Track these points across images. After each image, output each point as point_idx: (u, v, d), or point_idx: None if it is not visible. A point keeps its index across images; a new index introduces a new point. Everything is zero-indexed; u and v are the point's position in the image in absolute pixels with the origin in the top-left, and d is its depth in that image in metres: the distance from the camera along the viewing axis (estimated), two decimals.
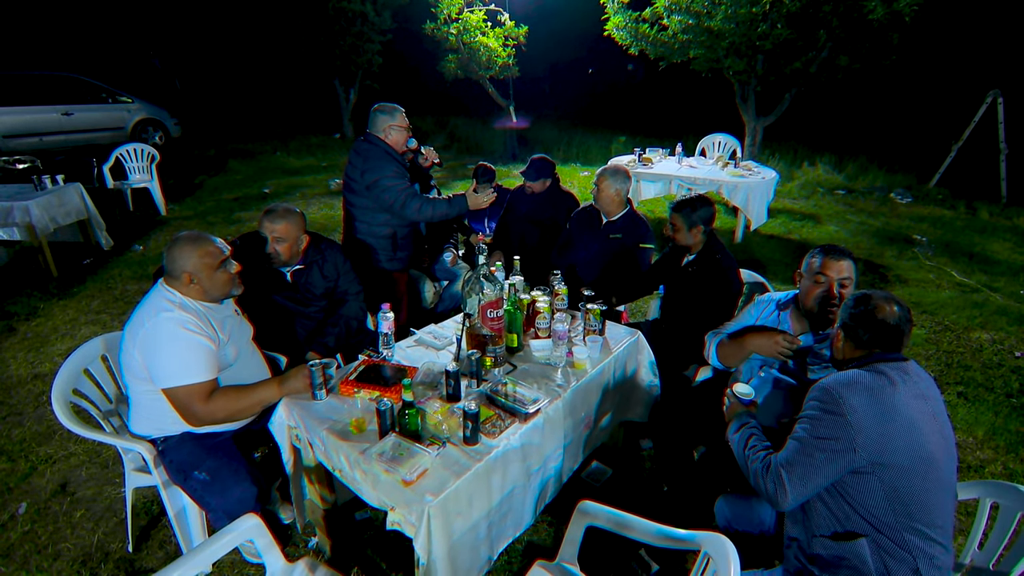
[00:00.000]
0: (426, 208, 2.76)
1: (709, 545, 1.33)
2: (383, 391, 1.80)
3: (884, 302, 1.45)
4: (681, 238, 2.59)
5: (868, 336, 1.45)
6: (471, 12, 8.41)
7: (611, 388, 2.24)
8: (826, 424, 1.34)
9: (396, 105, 2.87)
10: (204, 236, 1.84)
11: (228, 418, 1.81)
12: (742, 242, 5.53)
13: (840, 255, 1.87)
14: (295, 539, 2.19)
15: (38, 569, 2.06)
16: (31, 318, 3.97)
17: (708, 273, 2.52)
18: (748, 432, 1.55)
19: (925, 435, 1.32)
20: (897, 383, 1.35)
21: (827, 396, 1.36)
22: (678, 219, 2.56)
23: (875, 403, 1.32)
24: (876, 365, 1.40)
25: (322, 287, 2.46)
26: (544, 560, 1.65)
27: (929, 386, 1.42)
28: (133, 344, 1.73)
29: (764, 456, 1.44)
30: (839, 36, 6.14)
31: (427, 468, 1.53)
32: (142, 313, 1.75)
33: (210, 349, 1.76)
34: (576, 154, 9.93)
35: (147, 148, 6.36)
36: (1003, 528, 1.48)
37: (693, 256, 2.61)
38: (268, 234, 2.28)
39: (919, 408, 1.35)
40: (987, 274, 4.92)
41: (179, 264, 1.77)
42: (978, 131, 7.08)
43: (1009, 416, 2.98)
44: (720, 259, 2.53)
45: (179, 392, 1.71)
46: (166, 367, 1.70)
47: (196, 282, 1.80)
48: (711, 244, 2.58)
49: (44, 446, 2.71)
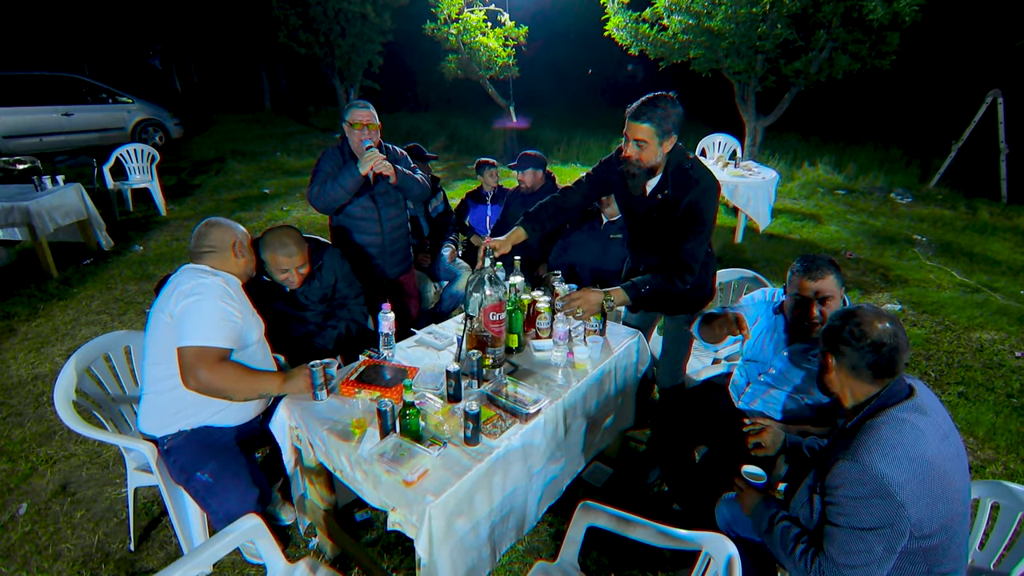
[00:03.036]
0: (315, 188, 2.60)
1: (710, 545, 1.34)
2: (384, 391, 1.79)
3: (874, 318, 1.32)
4: (649, 156, 2.00)
5: (865, 364, 1.31)
6: (471, 12, 8.41)
7: (612, 388, 2.24)
8: (874, 509, 1.19)
9: (357, 102, 2.64)
10: (228, 219, 1.99)
11: (225, 392, 1.77)
12: (742, 242, 5.54)
13: (819, 270, 1.79)
14: (296, 540, 2.19)
15: (39, 569, 2.06)
16: (31, 319, 3.97)
17: (683, 195, 2.04)
18: (781, 528, 1.39)
19: (956, 485, 1.25)
20: (924, 430, 1.23)
21: (866, 477, 1.19)
22: (646, 129, 1.94)
23: (916, 470, 1.19)
24: (893, 412, 1.26)
25: (319, 293, 2.44)
26: (545, 561, 1.65)
27: (942, 415, 1.32)
28: (165, 310, 1.77)
29: (812, 556, 1.29)
30: (839, 36, 6.14)
31: (428, 468, 1.53)
32: (181, 278, 1.82)
33: (236, 323, 1.81)
34: (576, 154, 9.92)
35: (147, 148, 6.36)
36: (1004, 528, 1.48)
37: (659, 177, 2.08)
38: (290, 268, 2.20)
39: (947, 453, 1.25)
40: (987, 274, 4.92)
41: (226, 237, 1.91)
42: (978, 131, 7.08)
43: (1010, 416, 2.98)
44: (691, 168, 2.05)
45: (192, 351, 1.72)
46: (193, 324, 1.73)
47: (242, 253, 1.94)
48: (675, 154, 2.05)
49: (44, 447, 2.71)
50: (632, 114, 1.98)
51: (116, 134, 9.59)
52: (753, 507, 1.50)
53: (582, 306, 2.08)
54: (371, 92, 11.67)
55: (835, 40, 6.22)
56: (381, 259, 2.90)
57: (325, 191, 2.61)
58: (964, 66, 10.28)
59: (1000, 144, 6.96)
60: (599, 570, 2.04)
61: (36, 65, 12.04)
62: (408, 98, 16.65)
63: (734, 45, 6.46)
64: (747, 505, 1.53)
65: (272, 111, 16.45)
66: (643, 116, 1.95)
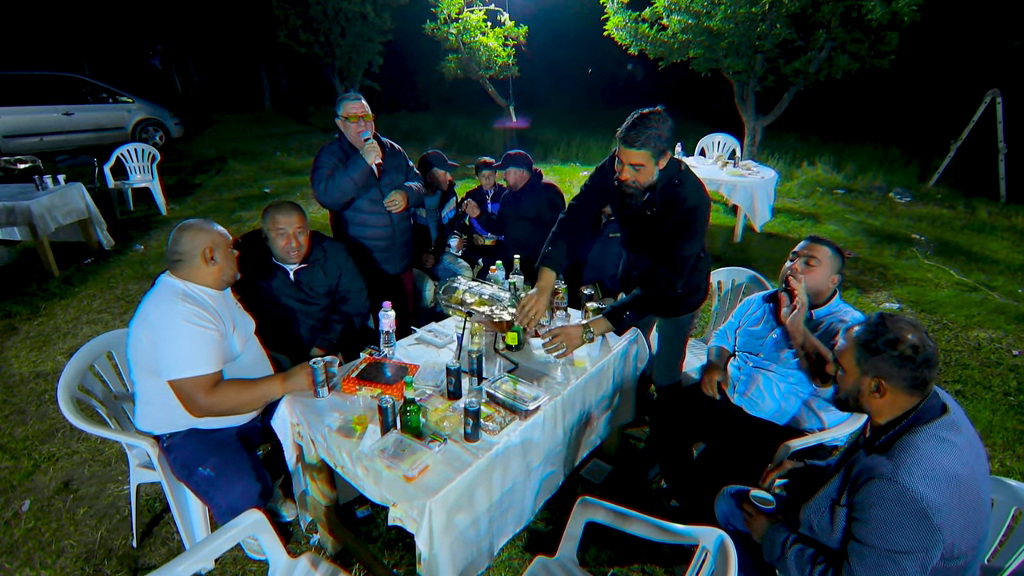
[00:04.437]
0: (320, 185, 2.60)
1: (707, 540, 1.35)
2: (385, 388, 1.81)
3: (910, 329, 1.24)
4: (646, 176, 1.97)
5: (904, 376, 1.22)
6: (471, 12, 8.43)
7: (611, 385, 2.26)
8: (909, 531, 1.13)
9: (351, 94, 2.69)
10: (207, 221, 1.87)
11: (231, 411, 1.82)
12: (741, 241, 5.55)
13: (821, 241, 1.96)
14: (297, 536, 2.20)
15: (42, 565, 2.08)
16: (33, 317, 3.99)
17: (672, 210, 2.04)
18: (795, 551, 1.37)
19: (985, 506, 1.22)
20: (962, 450, 1.18)
21: (905, 498, 1.13)
22: (642, 154, 1.90)
23: (953, 492, 1.14)
24: (930, 430, 1.20)
25: (324, 286, 2.47)
26: (544, 555, 1.67)
27: (971, 431, 1.27)
28: (140, 335, 1.74)
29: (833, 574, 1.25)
30: (838, 36, 6.16)
31: (428, 464, 1.54)
32: (147, 305, 1.76)
33: (215, 340, 1.76)
34: (576, 154, 9.94)
35: (147, 148, 6.37)
36: (998, 523, 1.49)
37: (647, 196, 2.06)
38: (288, 228, 2.24)
39: (979, 472, 1.21)
40: (985, 273, 4.94)
41: (195, 243, 1.78)
42: (977, 130, 7.10)
43: (1006, 414, 3.00)
44: (679, 186, 2.01)
45: (184, 384, 1.72)
46: (171, 359, 1.71)
47: (214, 260, 1.82)
48: (666, 167, 2.00)
49: (47, 444, 2.72)
50: (625, 140, 1.92)
51: (116, 134, 9.61)
52: (763, 533, 1.49)
53: (564, 343, 2.04)
54: (371, 92, 11.69)
55: (834, 40, 6.23)
56: (390, 251, 2.90)
57: (334, 185, 2.59)
58: (963, 66, 10.30)
59: (999, 143, 6.97)
60: (598, 565, 2.06)
61: (36, 65, 12.07)
62: (408, 98, 16.68)
63: (733, 45, 6.48)
64: (757, 531, 1.52)
65: (272, 111, 16.48)
66: (637, 142, 1.89)
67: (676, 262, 2.05)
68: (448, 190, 3.85)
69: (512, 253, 2.72)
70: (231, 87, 18.08)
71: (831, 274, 1.95)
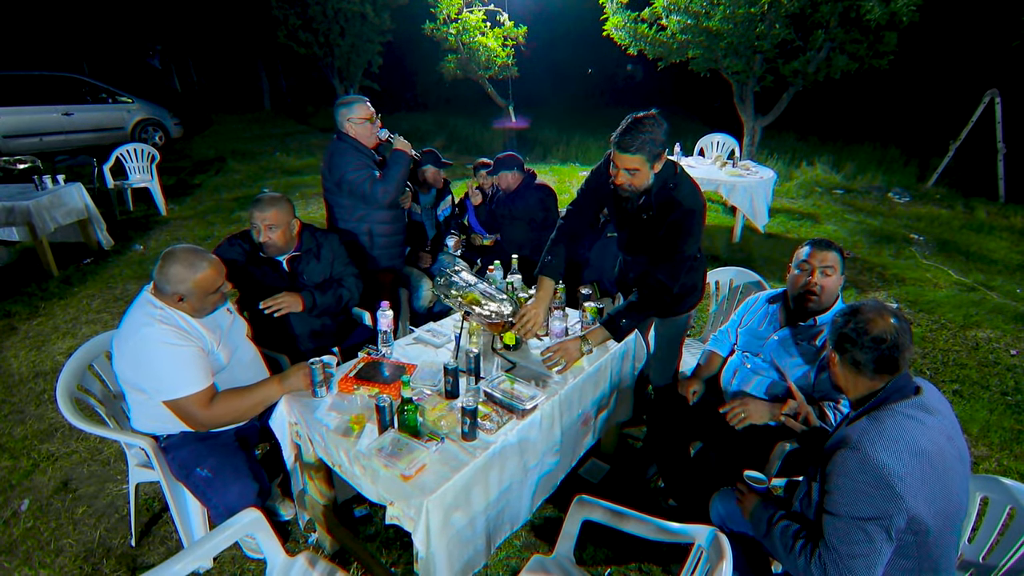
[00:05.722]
0: (387, 185, 2.70)
1: (702, 538, 1.36)
2: (382, 388, 1.82)
3: (876, 315, 1.33)
4: (642, 180, 1.97)
5: (867, 359, 1.32)
6: (470, 12, 8.43)
7: (608, 384, 2.26)
8: (872, 499, 1.19)
9: (357, 97, 2.80)
10: (201, 256, 1.78)
11: (233, 420, 1.84)
12: (740, 241, 5.56)
13: (827, 247, 1.92)
14: (295, 535, 2.21)
15: (41, 565, 2.08)
16: (32, 317, 3.99)
17: (667, 213, 2.04)
18: (780, 527, 1.40)
19: (955, 485, 1.25)
20: (929, 427, 1.24)
21: (867, 466, 1.19)
22: (637, 159, 1.91)
23: (917, 464, 1.19)
24: (897, 407, 1.27)
25: (320, 275, 2.47)
26: (541, 554, 1.67)
27: (949, 418, 1.32)
28: (122, 358, 1.74)
29: (811, 549, 1.29)
30: (837, 36, 6.16)
31: (426, 463, 1.55)
32: (126, 328, 1.75)
33: (198, 356, 1.75)
34: (576, 154, 9.94)
35: (147, 148, 6.38)
36: (992, 522, 1.50)
37: (642, 199, 2.07)
38: (260, 223, 2.27)
39: (949, 453, 1.25)
40: (984, 273, 4.95)
41: (172, 285, 1.73)
42: (976, 131, 7.11)
43: (1004, 413, 3.00)
44: (674, 189, 2.02)
45: (179, 403, 1.73)
46: (159, 383, 1.71)
47: (186, 302, 1.78)
48: (662, 170, 2.01)
49: (46, 443, 2.73)
50: (620, 145, 1.91)
51: (116, 134, 9.61)
52: (752, 510, 1.51)
53: (564, 358, 2.03)
54: (371, 92, 11.69)
55: (833, 40, 6.24)
56: (392, 241, 2.97)
57: (392, 182, 2.71)
58: (962, 66, 10.31)
59: (998, 144, 6.98)
60: (595, 564, 2.06)
61: (36, 65, 12.06)
62: (407, 98, 16.69)
63: (732, 45, 6.48)
64: (747, 508, 1.54)
65: (271, 111, 16.48)
66: (632, 148, 1.89)
67: (672, 265, 2.05)
68: (443, 188, 3.84)
69: (510, 253, 2.72)
70: (230, 87, 18.10)
71: (840, 277, 1.96)
